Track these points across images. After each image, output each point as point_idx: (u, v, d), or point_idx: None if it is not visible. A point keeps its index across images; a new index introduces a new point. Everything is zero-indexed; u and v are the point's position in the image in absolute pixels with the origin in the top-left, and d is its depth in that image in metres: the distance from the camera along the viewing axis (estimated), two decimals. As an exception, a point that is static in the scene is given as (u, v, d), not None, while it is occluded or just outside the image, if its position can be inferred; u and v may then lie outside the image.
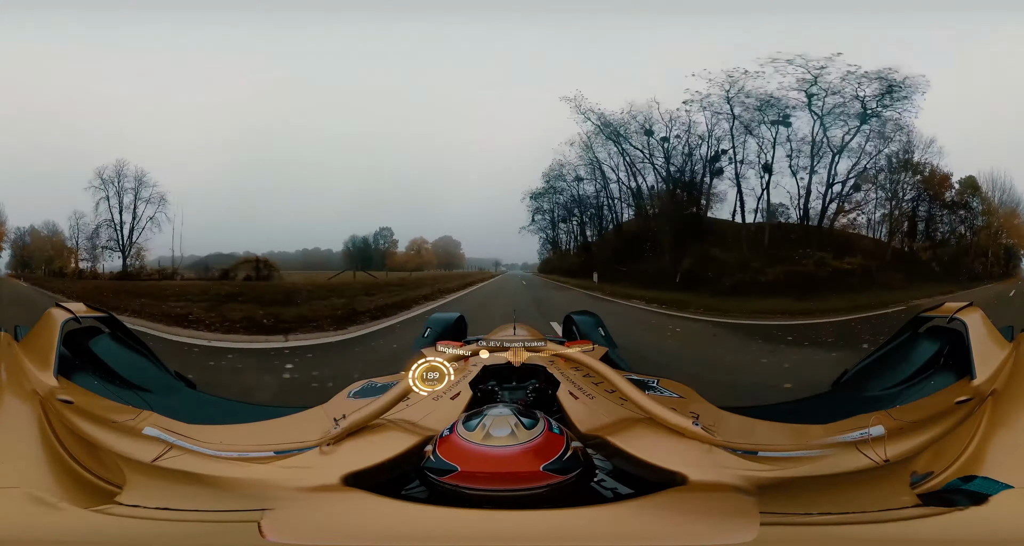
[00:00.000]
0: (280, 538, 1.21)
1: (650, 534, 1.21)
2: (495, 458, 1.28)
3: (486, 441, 1.31)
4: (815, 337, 7.25)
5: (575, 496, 1.31)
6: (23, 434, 1.52)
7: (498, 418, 1.36)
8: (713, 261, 9.15)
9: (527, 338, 2.04)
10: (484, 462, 1.28)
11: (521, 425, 1.35)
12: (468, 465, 1.28)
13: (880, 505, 1.29)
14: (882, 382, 2.37)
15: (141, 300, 8.01)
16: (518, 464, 1.27)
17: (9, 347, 2.00)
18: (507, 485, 1.27)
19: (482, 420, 1.36)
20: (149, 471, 1.38)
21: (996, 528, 1.23)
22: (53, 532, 1.26)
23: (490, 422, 1.35)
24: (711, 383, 3.70)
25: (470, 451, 1.30)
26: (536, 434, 1.33)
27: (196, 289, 8.63)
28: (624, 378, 1.66)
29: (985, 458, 1.43)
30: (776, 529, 1.23)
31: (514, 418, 1.36)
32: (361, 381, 2.08)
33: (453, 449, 1.32)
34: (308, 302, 8.24)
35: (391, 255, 11.13)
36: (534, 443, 1.31)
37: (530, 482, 1.27)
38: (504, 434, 1.32)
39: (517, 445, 1.30)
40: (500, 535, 1.20)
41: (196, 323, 7.53)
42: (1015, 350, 1.86)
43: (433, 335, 2.97)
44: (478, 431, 1.34)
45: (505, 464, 1.28)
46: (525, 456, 1.28)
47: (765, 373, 6.42)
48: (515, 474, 1.27)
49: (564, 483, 1.29)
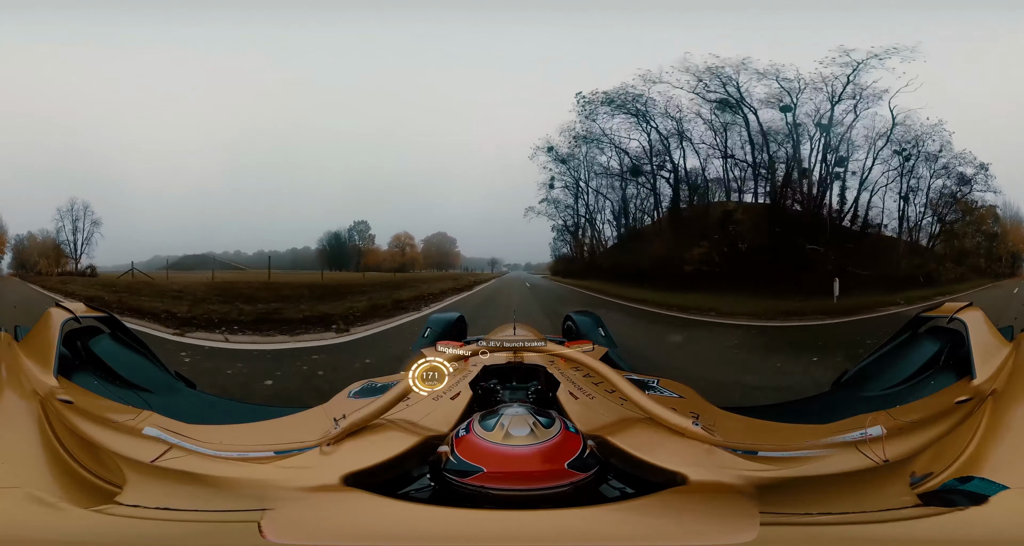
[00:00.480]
0: (280, 538, 1.21)
1: (650, 534, 1.21)
2: (519, 457, 1.29)
3: (507, 441, 1.32)
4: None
5: (576, 496, 1.31)
6: (23, 434, 1.52)
7: (516, 417, 1.37)
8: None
9: (527, 338, 2.04)
10: (508, 462, 1.29)
11: (539, 424, 1.36)
12: (493, 465, 1.29)
13: (880, 505, 1.29)
14: (882, 382, 2.37)
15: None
16: (542, 462, 1.29)
17: (9, 347, 2.00)
18: (532, 484, 1.28)
19: (499, 419, 1.37)
20: (149, 471, 1.38)
21: (996, 528, 1.23)
22: (53, 532, 1.26)
23: (508, 421, 1.36)
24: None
25: (493, 451, 1.31)
26: (554, 433, 1.34)
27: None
28: (624, 378, 1.66)
29: (985, 458, 1.43)
30: (776, 529, 1.23)
31: (531, 417, 1.37)
32: (361, 381, 2.08)
33: (475, 450, 1.33)
34: (201, 304, 6.92)
35: (370, 252, 10.30)
36: (554, 441, 1.32)
37: (555, 480, 1.28)
38: (524, 433, 1.33)
39: (538, 444, 1.31)
40: (500, 535, 1.20)
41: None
42: (1015, 350, 1.87)
43: (433, 335, 2.97)
44: (497, 431, 1.34)
45: (529, 463, 1.29)
46: (548, 454, 1.30)
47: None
48: (540, 473, 1.28)
49: (586, 480, 1.30)
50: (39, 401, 1.65)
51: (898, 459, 1.36)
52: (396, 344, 6.20)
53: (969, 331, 2.06)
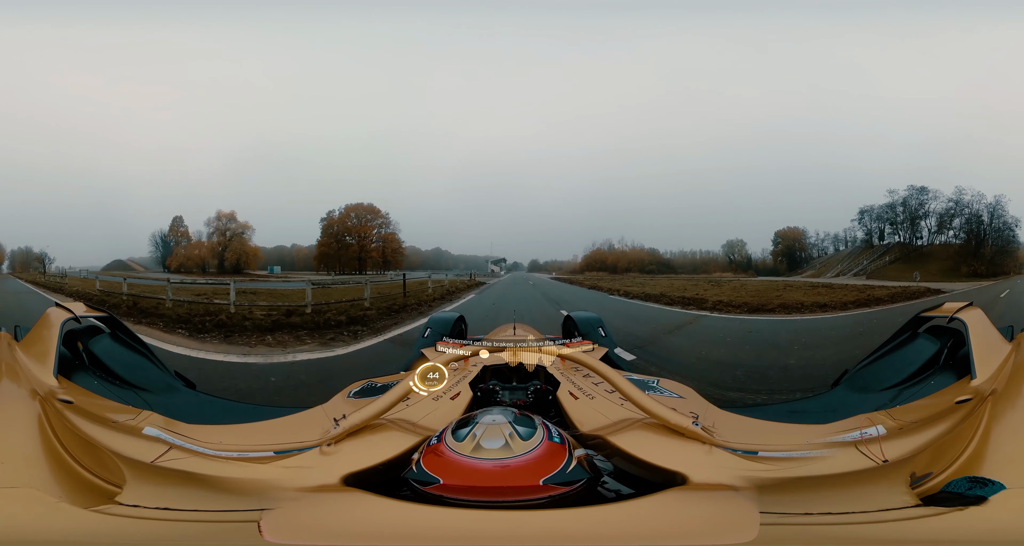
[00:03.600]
0: (280, 538, 1.21)
1: (650, 534, 1.21)
2: (484, 472, 1.23)
3: (475, 454, 1.25)
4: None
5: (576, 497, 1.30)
6: (23, 434, 1.52)
7: (491, 427, 1.30)
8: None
9: (527, 338, 2.04)
10: (470, 476, 1.23)
11: (516, 435, 1.29)
12: (451, 478, 1.23)
13: (880, 505, 1.28)
14: (882, 382, 2.37)
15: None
16: (513, 478, 1.22)
17: (9, 347, 2.00)
18: (496, 497, 1.21)
19: (472, 429, 1.30)
20: (149, 471, 1.38)
21: (996, 528, 1.23)
22: (53, 532, 1.26)
23: (481, 432, 1.29)
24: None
25: (455, 463, 1.25)
26: (534, 445, 1.27)
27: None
28: (624, 378, 1.66)
29: (985, 458, 1.43)
30: (776, 529, 1.23)
31: (508, 428, 1.30)
32: (361, 381, 2.08)
33: (437, 460, 1.27)
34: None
35: (251, 253, 9.67)
36: (531, 455, 1.25)
37: (528, 495, 1.22)
38: (496, 446, 1.26)
39: (509, 458, 1.24)
40: (500, 535, 1.19)
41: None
42: (1015, 350, 1.86)
43: (433, 335, 2.97)
44: (467, 442, 1.28)
45: (493, 478, 1.22)
46: (521, 470, 1.23)
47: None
48: (507, 488, 1.21)
49: (568, 493, 1.24)
50: (39, 401, 1.65)
51: (898, 459, 1.36)
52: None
53: (969, 331, 2.06)
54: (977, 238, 10.67)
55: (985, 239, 10.65)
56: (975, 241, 10.68)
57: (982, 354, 1.89)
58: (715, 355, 6.67)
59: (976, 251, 10.68)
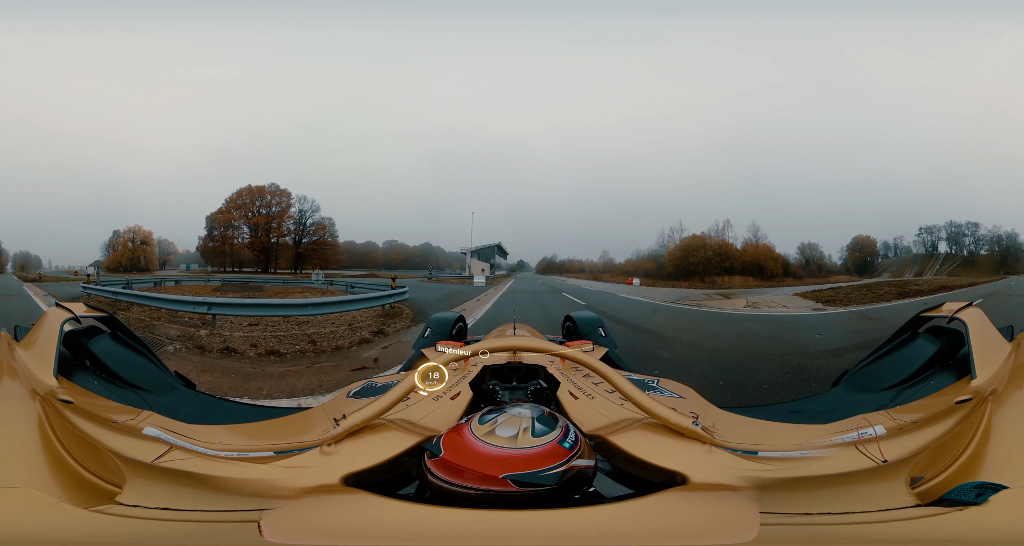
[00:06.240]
0: (280, 538, 1.21)
1: (650, 534, 1.21)
2: (481, 456, 1.28)
3: (487, 438, 1.31)
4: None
5: (576, 497, 1.30)
6: (23, 434, 1.52)
7: (512, 418, 1.36)
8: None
9: (527, 338, 2.04)
10: (469, 457, 1.28)
11: (530, 430, 1.33)
12: (453, 454, 1.29)
13: (880, 505, 1.29)
14: (882, 382, 2.37)
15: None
16: (484, 466, 1.26)
17: (9, 347, 2.00)
18: (467, 482, 1.26)
19: (497, 416, 1.37)
20: (149, 471, 1.38)
21: (996, 528, 1.23)
22: (53, 532, 1.26)
23: (503, 420, 1.36)
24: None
25: (465, 442, 1.31)
26: (539, 443, 1.30)
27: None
28: (624, 378, 1.66)
29: (985, 458, 1.43)
30: (776, 529, 1.23)
31: (528, 422, 1.35)
32: (361, 381, 2.08)
33: (454, 436, 1.34)
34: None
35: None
36: (529, 452, 1.28)
37: (488, 485, 1.25)
38: (507, 435, 1.32)
39: (512, 449, 1.29)
40: (500, 535, 1.19)
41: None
42: (1015, 350, 1.86)
43: (433, 335, 2.97)
44: (487, 425, 1.34)
45: (476, 462, 1.27)
46: (509, 462, 1.26)
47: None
48: (477, 474, 1.26)
49: (523, 494, 1.24)
50: (39, 401, 1.65)
51: (898, 459, 1.36)
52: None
53: (969, 331, 2.06)
54: (1003, 251, 15.43)
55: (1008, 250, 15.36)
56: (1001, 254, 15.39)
57: (982, 354, 1.89)
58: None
59: (1004, 260, 15.31)
